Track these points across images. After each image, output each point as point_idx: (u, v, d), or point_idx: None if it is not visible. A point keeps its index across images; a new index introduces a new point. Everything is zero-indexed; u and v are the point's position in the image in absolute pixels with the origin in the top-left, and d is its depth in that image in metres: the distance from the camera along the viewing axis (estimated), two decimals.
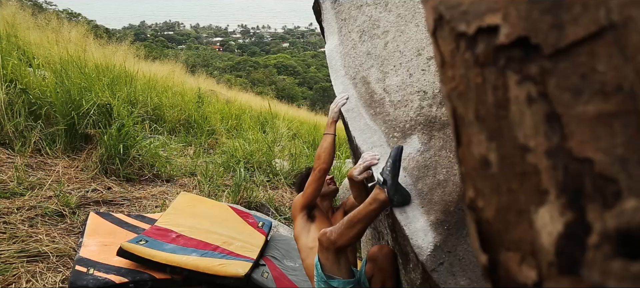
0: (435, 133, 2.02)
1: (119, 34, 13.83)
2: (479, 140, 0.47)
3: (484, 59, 0.46)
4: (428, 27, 0.54)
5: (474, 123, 0.48)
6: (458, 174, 1.84)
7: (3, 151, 3.76)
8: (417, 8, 2.47)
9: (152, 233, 2.96)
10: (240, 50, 65.81)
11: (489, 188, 0.47)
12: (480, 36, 0.46)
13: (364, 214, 1.90)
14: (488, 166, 0.47)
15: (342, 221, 1.95)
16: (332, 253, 1.98)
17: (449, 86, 0.51)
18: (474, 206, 0.49)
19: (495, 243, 0.47)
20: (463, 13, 0.47)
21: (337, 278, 2.05)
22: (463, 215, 1.72)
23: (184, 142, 5.78)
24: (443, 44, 0.51)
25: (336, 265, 2.02)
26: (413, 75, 2.24)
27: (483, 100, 0.46)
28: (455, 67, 0.49)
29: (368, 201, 1.90)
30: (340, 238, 1.93)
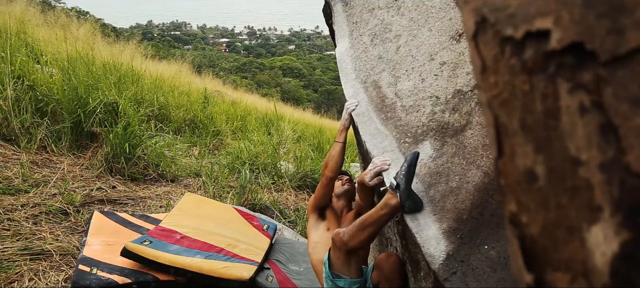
0: (448, 139, 1.98)
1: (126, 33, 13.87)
2: (525, 151, 0.44)
3: (533, 65, 0.43)
4: (467, 30, 0.51)
5: (519, 132, 0.44)
6: (471, 182, 1.81)
7: (9, 147, 3.75)
8: (430, 12, 2.44)
9: (156, 233, 2.94)
10: (246, 51, 65.93)
11: (534, 203, 0.44)
12: (529, 41, 0.43)
13: (375, 218, 1.89)
14: (534, 180, 0.44)
15: (354, 224, 1.95)
16: (344, 253, 1.99)
17: (490, 93, 0.48)
18: (517, 221, 0.46)
19: (542, 261, 0.44)
20: (510, 16, 0.44)
21: (344, 278, 2.05)
22: (477, 223, 1.69)
23: (189, 142, 5.76)
24: (485, 49, 0.48)
25: (346, 265, 2.02)
26: (425, 80, 2.21)
27: (530, 109, 0.43)
28: (499, 74, 0.46)
29: (379, 206, 1.89)
30: (351, 240, 1.93)
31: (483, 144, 1.90)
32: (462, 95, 2.09)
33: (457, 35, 2.30)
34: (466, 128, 1.99)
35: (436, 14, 2.42)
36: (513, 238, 0.47)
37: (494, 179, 1.78)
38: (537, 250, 0.44)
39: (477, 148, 1.90)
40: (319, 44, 74.58)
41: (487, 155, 1.86)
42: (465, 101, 2.07)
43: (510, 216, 0.47)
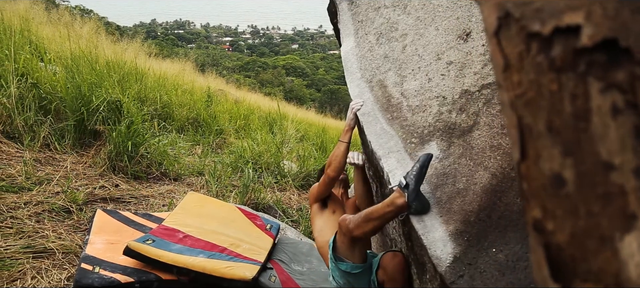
0: (455, 140, 1.96)
1: (130, 31, 13.89)
2: (551, 155, 0.42)
3: (561, 63, 0.40)
4: (488, 26, 0.48)
5: (546, 135, 0.42)
6: (479, 184, 1.78)
7: (12, 145, 3.74)
8: (436, 11, 2.42)
9: (159, 232, 2.92)
10: (249, 50, 65.92)
11: (562, 210, 0.41)
12: (557, 37, 0.40)
13: (380, 214, 1.91)
14: (562, 185, 0.41)
15: (361, 214, 1.98)
16: (348, 239, 2.03)
17: (513, 93, 0.45)
18: (542, 228, 0.44)
19: (569, 272, 0.41)
20: (537, 10, 0.42)
21: (346, 262, 2.11)
22: (484, 225, 1.66)
23: (192, 141, 5.75)
24: (508, 46, 0.45)
25: (350, 250, 2.08)
26: (432, 80, 2.18)
27: (558, 110, 0.41)
28: (524, 72, 0.43)
29: (386, 203, 1.89)
30: (356, 229, 1.98)
31: (491, 146, 1.87)
32: (470, 95, 2.06)
33: (464, 34, 2.27)
34: (473, 128, 1.96)
35: (443, 13, 2.39)
36: (537, 245, 0.44)
37: (502, 181, 1.75)
38: (564, 260, 0.41)
39: (484, 149, 1.87)
40: (323, 44, 74.53)
41: (495, 156, 1.83)
42: (472, 102, 2.04)
43: (534, 223, 0.45)
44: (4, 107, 3.87)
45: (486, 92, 2.04)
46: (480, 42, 2.21)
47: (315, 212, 2.64)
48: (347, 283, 2.17)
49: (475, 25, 2.28)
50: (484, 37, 2.22)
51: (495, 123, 1.93)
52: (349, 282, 2.16)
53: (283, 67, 43.52)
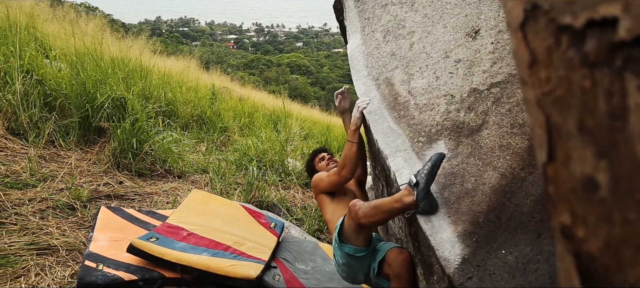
0: (463, 139, 1.93)
1: (135, 28, 13.90)
2: (583, 156, 0.39)
3: (595, 58, 0.37)
4: (512, 19, 0.45)
5: (576, 135, 0.39)
6: (487, 184, 1.75)
7: (17, 141, 3.74)
8: (444, 9, 2.38)
9: (163, 230, 2.90)
10: (254, 48, 65.92)
11: (594, 216, 0.38)
12: (591, 30, 0.37)
13: (388, 209, 1.91)
14: (595, 189, 0.38)
15: (369, 204, 2.00)
16: (355, 224, 2.06)
17: (540, 90, 0.42)
18: (571, 235, 0.41)
19: (602, 282, 0.38)
20: (568, 2, 0.39)
21: (350, 245, 2.15)
22: (493, 227, 1.63)
23: (197, 138, 5.73)
24: (535, 39, 0.42)
25: (355, 234, 2.11)
26: (440, 78, 2.15)
27: (591, 108, 0.38)
28: (553, 68, 0.41)
29: (394, 198, 1.89)
30: (364, 218, 2.00)
31: (500, 145, 1.84)
32: (478, 94, 2.03)
33: (473, 32, 2.23)
34: (482, 127, 1.93)
35: (451, 10, 2.36)
36: (566, 253, 0.41)
37: (512, 181, 1.72)
38: (596, 270, 0.38)
39: (493, 149, 1.84)
40: (327, 42, 74.42)
41: (504, 156, 1.80)
42: (481, 100, 2.01)
43: (563, 229, 0.42)
44: (9, 103, 3.86)
45: (495, 91, 2.01)
46: (489, 40, 2.17)
47: (324, 198, 2.67)
48: (347, 264, 2.23)
49: (484, 22, 2.25)
50: (493, 35, 2.19)
51: (504, 122, 1.90)
52: (350, 263, 2.21)
53: (287, 65, 43.50)
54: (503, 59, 2.08)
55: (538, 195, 1.64)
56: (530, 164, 1.73)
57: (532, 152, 1.76)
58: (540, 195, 1.64)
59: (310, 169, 3.09)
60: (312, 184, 2.73)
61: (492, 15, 2.25)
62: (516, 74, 2.01)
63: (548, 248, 1.48)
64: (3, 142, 3.65)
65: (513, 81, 2.01)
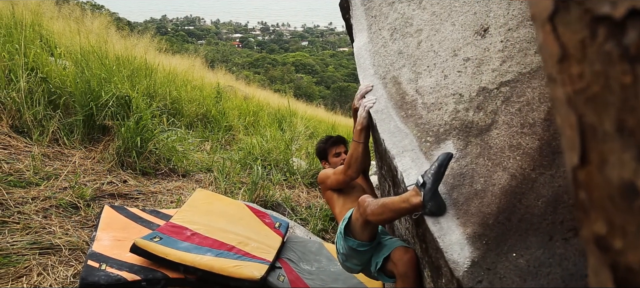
0: (472, 139, 1.88)
1: (140, 27, 13.90)
2: (621, 160, 0.35)
3: (637, 51, 0.33)
4: (539, 10, 0.41)
5: (614, 136, 0.35)
6: (497, 185, 1.70)
7: (21, 139, 3.73)
8: (453, 6, 2.34)
9: (166, 230, 2.88)
10: (259, 47, 65.91)
11: (634, 226, 0.34)
12: (633, 21, 0.33)
13: (395, 208, 1.90)
14: (634, 196, 0.34)
15: (378, 202, 2.00)
16: (363, 219, 2.06)
17: (572, 87, 0.38)
18: (607, 245, 0.37)
19: None
20: None
21: (353, 239, 2.17)
22: (504, 229, 1.58)
23: (201, 137, 5.71)
24: (567, 32, 0.38)
25: (361, 229, 2.11)
26: (448, 77, 2.11)
27: (632, 106, 0.34)
28: (587, 62, 0.37)
29: (402, 198, 1.86)
30: (371, 216, 2.00)
31: (510, 145, 1.79)
32: (488, 93, 1.99)
33: (482, 30, 2.18)
34: (491, 127, 1.89)
35: (460, 8, 2.31)
36: (601, 266, 0.38)
37: (522, 182, 1.68)
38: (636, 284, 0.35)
39: (503, 149, 1.79)
40: (332, 41, 74.32)
41: (514, 157, 1.76)
42: (490, 99, 1.96)
43: (597, 239, 0.38)
44: (13, 101, 3.85)
45: (505, 90, 1.96)
46: (499, 38, 2.13)
47: (332, 195, 2.66)
48: (348, 254, 2.24)
49: (493, 20, 2.20)
50: (502, 33, 2.14)
51: (514, 121, 1.85)
52: (351, 255, 2.23)
53: (292, 64, 43.47)
54: (513, 57, 2.04)
55: (549, 197, 1.60)
56: (541, 165, 1.69)
57: (543, 152, 1.71)
58: (552, 197, 1.59)
59: (322, 153, 2.93)
60: (319, 180, 2.74)
61: (502, 13, 2.20)
62: (527, 73, 1.97)
63: (560, 251, 1.44)
64: (7, 140, 3.64)
65: (523, 79, 1.96)
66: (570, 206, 1.51)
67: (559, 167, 1.64)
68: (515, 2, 2.21)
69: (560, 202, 1.56)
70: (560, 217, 1.51)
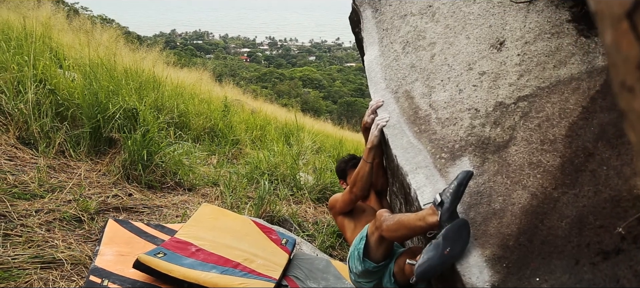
0: (489, 155, 1.81)
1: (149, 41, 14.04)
2: None
3: None
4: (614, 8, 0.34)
5: None
6: (517, 204, 1.62)
7: (27, 151, 3.70)
8: (467, 19, 2.28)
9: (171, 245, 2.81)
10: (267, 61, 66.31)
11: None
12: None
13: (411, 226, 1.84)
14: None
15: (394, 217, 1.96)
16: (379, 234, 2.03)
17: None
18: None
19: None
20: None
21: (369, 261, 2.12)
22: (525, 251, 1.50)
23: (208, 151, 5.67)
24: None
25: (376, 244, 2.07)
26: (463, 91, 2.04)
27: None
28: None
29: (417, 216, 1.80)
30: (386, 231, 1.97)
31: (529, 163, 1.71)
32: (505, 108, 1.91)
33: (497, 43, 2.12)
34: (509, 144, 1.81)
35: (474, 20, 2.25)
36: None
37: (544, 202, 1.59)
38: None
39: (522, 167, 1.72)
40: (339, 56, 74.69)
41: (535, 175, 1.68)
42: (508, 115, 1.89)
43: None
44: (21, 113, 3.83)
45: (523, 105, 1.89)
46: (515, 52, 2.06)
47: (343, 220, 2.65)
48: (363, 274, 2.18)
49: (509, 33, 2.14)
50: (519, 46, 2.07)
51: (533, 138, 1.78)
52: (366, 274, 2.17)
53: (300, 79, 43.65)
54: (531, 71, 1.97)
55: (574, 217, 1.51)
56: (564, 183, 1.60)
57: (566, 170, 1.63)
58: (577, 217, 1.51)
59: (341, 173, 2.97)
60: (329, 205, 2.72)
61: (518, 26, 2.14)
62: (546, 87, 1.90)
63: (588, 277, 1.35)
64: (13, 151, 3.61)
65: (542, 94, 1.89)
66: (597, 227, 1.43)
67: (583, 186, 1.55)
68: (532, 15, 2.15)
69: (586, 224, 1.47)
70: (586, 240, 1.42)
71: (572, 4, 2.12)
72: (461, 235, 1.56)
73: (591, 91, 1.78)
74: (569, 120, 1.76)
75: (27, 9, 6.12)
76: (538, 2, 2.14)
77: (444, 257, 1.56)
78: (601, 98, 1.74)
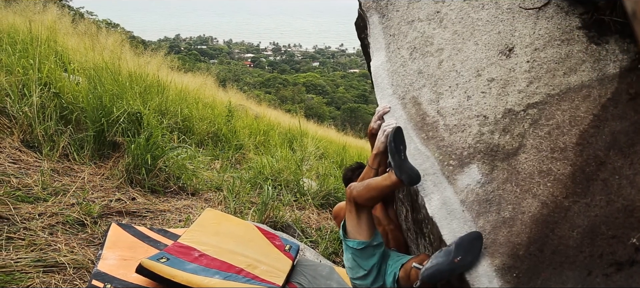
0: (498, 163, 1.78)
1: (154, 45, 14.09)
2: None
3: None
4: None
5: None
6: (527, 213, 1.60)
7: (31, 154, 3.69)
8: (475, 25, 2.26)
9: (173, 250, 2.79)
10: (270, 67, 66.44)
11: None
12: None
13: (380, 187, 2.01)
14: None
15: (364, 182, 2.11)
16: (352, 205, 2.13)
17: None
18: None
19: None
20: None
21: (352, 240, 2.17)
22: (536, 261, 1.47)
23: (212, 155, 5.65)
24: None
25: (356, 221, 2.13)
26: (471, 97, 2.02)
27: None
28: None
29: (383, 177, 2.02)
30: (358, 196, 2.09)
31: (539, 171, 1.69)
32: (514, 115, 1.89)
33: (506, 50, 2.10)
34: (519, 151, 1.78)
35: (483, 27, 2.23)
36: None
37: (554, 211, 1.57)
38: None
39: (532, 175, 1.69)
40: (343, 62, 74.80)
41: (545, 183, 1.65)
42: (517, 122, 1.87)
43: None
44: (25, 116, 3.83)
45: (532, 112, 1.87)
46: (525, 58, 2.04)
47: None
48: (353, 264, 2.22)
49: (518, 40, 2.12)
50: (528, 53, 2.05)
51: (543, 145, 1.75)
52: (356, 261, 2.19)
53: (303, 85, 43.73)
54: (540, 78, 1.95)
55: (586, 227, 1.48)
56: (575, 192, 1.58)
57: (577, 179, 1.60)
58: (588, 227, 1.48)
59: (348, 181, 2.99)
60: (334, 214, 2.73)
61: (527, 33, 2.12)
62: (556, 95, 1.87)
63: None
64: (17, 154, 3.60)
65: (552, 101, 1.86)
66: (609, 238, 1.40)
67: (595, 195, 1.53)
68: (542, 22, 2.13)
69: (598, 233, 1.45)
70: (599, 250, 1.39)
71: (582, 11, 2.10)
72: (474, 246, 1.54)
73: (602, 99, 1.76)
74: (579, 128, 1.73)
75: (33, 12, 6.13)
76: (548, 8, 2.12)
77: (454, 264, 1.53)
78: (613, 106, 1.71)
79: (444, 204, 1.76)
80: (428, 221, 1.82)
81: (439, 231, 1.70)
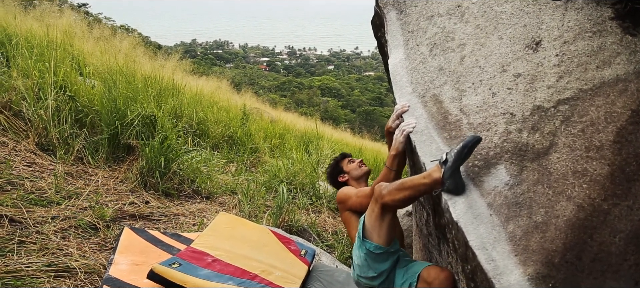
0: (528, 163, 1.66)
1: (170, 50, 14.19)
2: None
3: None
4: None
5: None
6: (561, 217, 1.47)
7: (46, 157, 3.68)
8: (499, 19, 2.14)
9: (186, 255, 2.72)
10: (286, 70, 66.63)
11: None
12: None
13: (415, 184, 1.88)
14: None
15: (395, 182, 1.98)
16: (379, 207, 2.01)
17: None
18: None
19: None
20: None
21: (370, 241, 2.07)
22: (574, 270, 1.35)
23: (227, 159, 5.60)
24: None
25: (378, 223, 2.03)
26: (497, 94, 1.90)
27: None
28: None
29: (422, 174, 1.87)
30: (388, 196, 1.96)
31: (574, 171, 1.56)
32: (543, 112, 1.77)
33: (533, 43, 1.98)
34: (550, 151, 1.66)
35: (507, 20, 2.11)
36: None
37: (592, 215, 1.44)
38: None
39: (566, 175, 1.56)
40: (358, 65, 74.66)
41: (580, 184, 1.52)
42: (547, 119, 1.74)
43: None
44: (41, 119, 3.83)
45: (564, 109, 1.74)
46: (553, 52, 1.92)
47: (350, 216, 2.67)
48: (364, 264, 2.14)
49: (545, 33, 1.99)
50: (557, 46, 1.93)
51: (577, 144, 1.63)
52: (367, 261, 2.12)
53: (319, 88, 43.71)
54: (571, 72, 1.82)
55: (629, 232, 1.36)
56: (615, 194, 1.45)
57: (616, 180, 1.48)
58: (632, 232, 1.35)
59: (335, 176, 3.07)
60: (338, 199, 2.66)
61: (555, 25, 1.99)
62: (588, 90, 1.74)
63: None
64: (32, 157, 3.59)
65: (585, 97, 1.74)
66: None
67: (637, 197, 1.40)
68: (571, 13, 2.00)
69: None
70: None
71: (614, 0, 1.96)
72: None
73: None
74: (616, 125, 1.60)
75: (50, 17, 6.19)
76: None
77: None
78: None
79: (469, 208, 1.65)
80: (452, 226, 1.71)
81: (464, 237, 1.59)
